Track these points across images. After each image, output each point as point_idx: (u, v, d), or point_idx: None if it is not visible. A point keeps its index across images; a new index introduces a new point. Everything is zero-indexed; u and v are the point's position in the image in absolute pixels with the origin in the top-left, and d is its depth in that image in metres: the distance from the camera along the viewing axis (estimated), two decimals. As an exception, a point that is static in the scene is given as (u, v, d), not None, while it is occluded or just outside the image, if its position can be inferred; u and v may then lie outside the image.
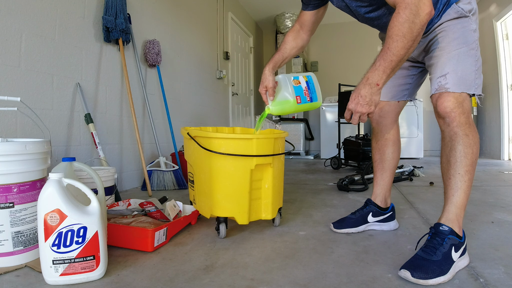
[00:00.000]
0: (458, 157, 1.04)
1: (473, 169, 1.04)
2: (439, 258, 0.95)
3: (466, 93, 1.06)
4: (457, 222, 1.02)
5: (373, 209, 1.37)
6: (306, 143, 5.64)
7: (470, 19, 1.10)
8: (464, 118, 1.05)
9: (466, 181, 1.04)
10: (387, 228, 1.38)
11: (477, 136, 1.06)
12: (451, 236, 0.99)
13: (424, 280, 0.90)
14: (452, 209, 1.03)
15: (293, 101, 1.22)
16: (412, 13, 0.93)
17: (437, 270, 0.92)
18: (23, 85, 1.65)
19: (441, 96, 1.08)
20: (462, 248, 1.01)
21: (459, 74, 1.06)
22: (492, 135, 4.70)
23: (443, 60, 1.10)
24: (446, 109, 1.06)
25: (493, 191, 2.19)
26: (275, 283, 0.92)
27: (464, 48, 1.08)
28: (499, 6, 4.36)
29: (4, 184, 0.99)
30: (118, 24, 2.15)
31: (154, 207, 1.39)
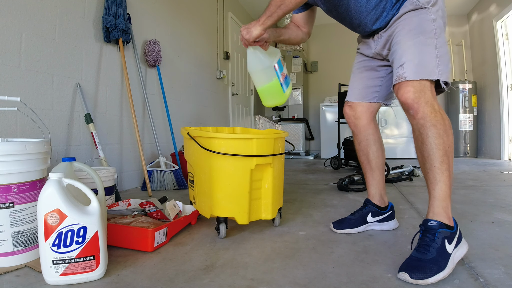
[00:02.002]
0: (430, 150, 1.02)
1: (448, 157, 1.03)
2: (434, 255, 0.94)
3: (427, 80, 1.04)
4: (444, 214, 1.01)
5: (372, 209, 1.37)
6: (306, 143, 5.64)
7: (429, 10, 1.10)
8: (428, 108, 1.02)
9: (444, 172, 1.02)
10: (387, 227, 1.38)
11: (446, 123, 1.03)
12: (441, 230, 0.98)
13: (423, 280, 0.90)
14: (437, 203, 1.03)
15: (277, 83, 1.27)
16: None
17: (435, 268, 0.92)
18: (23, 85, 1.65)
19: (401, 86, 1.07)
20: (456, 238, 1.00)
21: (416, 62, 1.06)
22: (492, 135, 4.70)
23: (400, 51, 1.10)
24: (407, 100, 1.04)
25: (493, 191, 2.19)
26: (275, 283, 0.92)
27: (420, 37, 1.08)
28: (499, 6, 4.36)
29: (4, 184, 0.99)
30: (118, 24, 2.15)
31: (154, 207, 1.39)
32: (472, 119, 4.95)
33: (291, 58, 5.55)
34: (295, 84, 5.58)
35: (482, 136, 4.96)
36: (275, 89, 1.28)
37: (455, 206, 1.78)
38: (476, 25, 5.15)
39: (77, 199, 0.94)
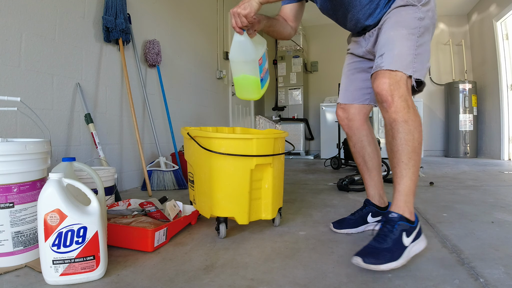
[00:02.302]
0: (399, 145, 1.03)
1: (417, 154, 1.05)
2: (390, 245, 0.97)
3: (402, 73, 1.04)
4: (406, 208, 1.03)
5: (372, 209, 1.37)
6: (306, 143, 5.64)
7: (418, 8, 1.10)
8: (402, 102, 1.02)
9: (410, 168, 1.03)
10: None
11: (417, 119, 1.04)
12: (401, 222, 1.01)
13: (375, 265, 0.93)
14: (400, 197, 1.04)
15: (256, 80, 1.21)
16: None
17: (388, 256, 0.94)
18: (23, 85, 1.65)
19: (377, 75, 1.07)
20: (414, 233, 1.02)
21: (395, 52, 1.06)
22: (492, 135, 4.70)
23: (382, 42, 1.12)
24: (382, 91, 1.04)
25: (493, 191, 2.19)
26: (275, 283, 0.92)
27: (403, 31, 1.08)
28: (499, 6, 4.36)
29: (4, 184, 0.99)
30: (118, 24, 2.15)
31: (154, 207, 1.39)
32: (472, 119, 4.95)
33: (291, 58, 5.55)
34: (295, 84, 5.58)
35: (482, 136, 4.96)
36: (253, 85, 1.23)
37: (455, 206, 1.78)
38: (476, 25, 5.15)
39: (77, 199, 0.94)
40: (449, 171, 3.33)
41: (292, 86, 5.60)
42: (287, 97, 5.63)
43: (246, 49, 1.16)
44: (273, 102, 6.06)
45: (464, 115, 4.96)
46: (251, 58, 1.17)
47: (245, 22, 1.10)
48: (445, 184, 2.53)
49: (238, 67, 1.22)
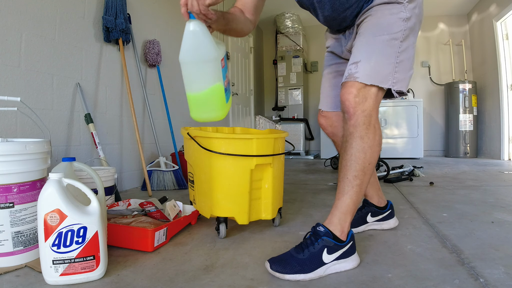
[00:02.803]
0: (349, 160, 0.99)
1: (364, 174, 0.99)
2: (305, 256, 0.95)
3: (376, 87, 0.97)
4: (339, 225, 0.99)
5: (372, 209, 1.36)
6: (306, 143, 5.64)
7: (403, 6, 1.00)
8: (363, 118, 0.97)
9: (354, 187, 0.99)
10: (387, 226, 1.38)
11: (376, 139, 0.98)
12: (325, 238, 0.97)
13: (280, 273, 0.93)
14: (336, 213, 1.01)
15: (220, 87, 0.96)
16: None
17: (297, 268, 0.93)
18: (23, 85, 1.65)
19: (346, 85, 0.99)
20: (340, 251, 0.98)
21: (372, 63, 0.97)
22: (492, 135, 4.70)
23: (359, 46, 1.01)
24: (345, 101, 0.98)
25: (493, 191, 2.19)
26: (275, 283, 0.92)
27: (385, 36, 0.98)
28: (499, 6, 4.36)
29: (4, 184, 0.99)
30: (118, 24, 2.15)
31: (154, 207, 1.39)
32: (472, 119, 4.94)
33: (291, 58, 5.55)
34: (295, 84, 5.58)
35: (482, 136, 4.96)
36: (217, 95, 0.96)
37: (455, 206, 1.78)
38: (476, 25, 5.15)
39: (77, 199, 0.94)
40: (449, 171, 3.33)
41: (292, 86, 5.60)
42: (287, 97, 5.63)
43: (204, 44, 0.89)
44: (273, 102, 6.06)
45: (464, 115, 4.96)
46: (213, 55, 0.91)
47: (205, 10, 0.88)
48: (445, 184, 2.53)
49: (192, 71, 0.94)
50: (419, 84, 5.56)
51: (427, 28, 5.56)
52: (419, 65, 5.59)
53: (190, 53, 0.91)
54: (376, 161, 1.02)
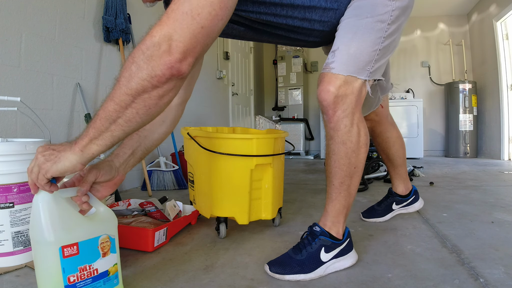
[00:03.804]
0: (332, 167, 0.94)
1: (351, 178, 0.94)
2: (303, 257, 0.95)
3: (355, 78, 0.86)
4: (333, 227, 0.99)
5: (396, 199, 1.44)
6: (306, 143, 5.63)
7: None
8: (344, 119, 0.87)
9: (341, 192, 0.95)
10: (413, 209, 1.47)
11: (360, 140, 0.90)
12: (322, 237, 0.97)
13: (280, 275, 0.93)
14: (328, 217, 0.99)
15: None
16: (146, 58, 0.60)
17: (297, 268, 0.93)
18: (23, 85, 1.65)
19: (322, 79, 0.88)
20: (337, 250, 0.97)
21: (351, 50, 0.86)
22: (492, 135, 4.70)
23: (340, 32, 0.90)
24: (323, 101, 0.88)
25: (493, 191, 2.19)
26: (275, 283, 0.92)
27: (368, 19, 0.86)
28: (499, 6, 4.36)
29: (4, 184, 0.99)
30: (118, 24, 2.15)
31: (154, 207, 1.39)
32: (472, 119, 4.94)
33: (291, 58, 5.55)
34: (295, 84, 5.58)
35: (482, 136, 4.96)
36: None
37: (455, 206, 1.78)
38: (476, 25, 5.15)
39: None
40: (449, 171, 3.33)
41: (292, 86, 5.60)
42: (287, 97, 5.63)
43: (40, 222, 0.67)
44: (273, 102, 6.06)
45: (464, 115, 4.96)
46: (44, 238, 0.66)
47: (40, 186, 0.66)
48: (445, 184, 2.53)
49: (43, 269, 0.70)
50: (419, 84, 5.56)
51: (427, 28, 5.56)
52: (419, 65, 5.59)
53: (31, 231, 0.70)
54: (364, 161, 0.95)
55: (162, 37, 0.60)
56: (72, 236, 0.71)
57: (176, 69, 0.61)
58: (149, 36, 0.62)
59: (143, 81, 0.60)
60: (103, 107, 0.63)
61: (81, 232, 0.72)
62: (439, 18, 5.55)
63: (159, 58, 0.60)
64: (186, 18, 0.60)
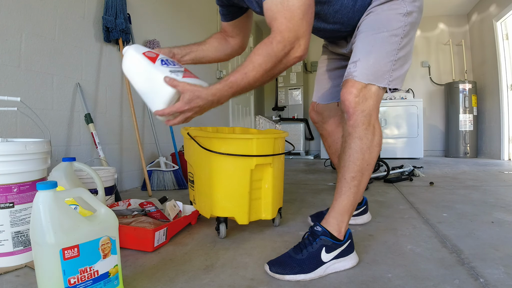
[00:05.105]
0: (347, 161, 0.98)
1: (362, 174, 0.99)
2: (304, 257, 0.95)
3: (375, 86, 0.97)
4: (336, 226, 1.00)
5: None
6: (306, 143, 5.64)
7: (403, 2, 0.98)
8: (363, 118, 0.96)
9: (351, 188, 0.99)
10: (361, 221, 1.45)
11: (375, 139, 0.98)
12: (323, 237, 0.97)
13: (280, 275, 0.93)
14: (333, 215, 1.01)
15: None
16: (285, 51, 0.84)
17: (297, 268, 0.94)
18: (23, 85, 1.65)
19: (346, 85, 0.98)
20: (338, 250, 0.98)
21: (370, 61, 0.96)
22: (492, 135, 4.70)
23: (359, 45, 1.00)
24: (345, 101, 0.97)
25: (493, 191, 2.19)
26: (275, 283, 0.92)
27: (384, 33, 0.96)
28: (499, 6, 4.36)
29: (4, 184, 0.99)
30: (118, 24, 2.15)
31: (154, 207, 1.39)
32: (472, 119, 4.94)
33: (291, 58, 5.54)
34: (295, 84, 5.58)
35: (482, 136, 4.96)
36: None
37: (455, 206, 1.78)
38: (476, 25, 5.15)
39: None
40: (449, 171, 3.33)
41: (292, 86, 5.60)
42: (287, 97, 5.63)
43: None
44: (273, 102, 6.06)
45: (464, 115, 4.96)
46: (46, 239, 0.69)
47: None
48: (445, 184, 2.53)
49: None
50: (419, 84, 5.56)
51: (427, 28, 5.56)
52: (419, 65, 5.59)
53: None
54: (375, 161, 1.01)
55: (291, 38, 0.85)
56: (72, 238, 0.71)
57: (300, 59, 0.89)
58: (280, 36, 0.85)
59: (280, 68, 0.88)
60: (238, 85, 0.89)
61: (82, 234, 0.73)
62: (439, 18, 5.55)
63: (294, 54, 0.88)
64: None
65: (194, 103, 0.89)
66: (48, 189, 0.70)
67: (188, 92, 0.88)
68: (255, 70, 0.86)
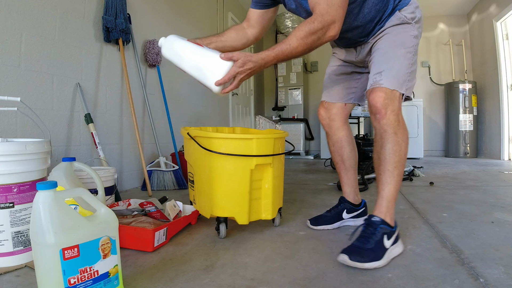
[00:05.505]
0: (387, 154, 1.11)
1: (402, 164, 1.13)
2: (373, 245, 1.03)
3: (398, 91, 1.13)
4: (388, 213, 1.11)
5: (347, 206, 1.43)
6: (306, 143, 5.64)
7: (413, 26, 1.17)
8: (394, 116, 1.10)
9: (395, 176, 1.12)
10: (361, 223, 1.42)
11: (405, 133, 1.13)
12: (382, 226, 1.07)
13: (361, 263, 0.98)
14: (383, 203, 1.12)
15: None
16: (323, 30, 1.03)
17: (372, 255, 1.00)
18: (23, 85, 1.65)
19: (374, 91, 1.13)
20: (394, 236, 1.09)
21: (393, 72, 1.12)
22: (492, 135, 4.70)
23: (381, 59, 1.16)
24: (377, 103, 1.11)
25: (493, 191, 2.19)
26: (275, 283, 0.92)
27: (402, 49, 1.14)
28: (499, 6, 4.36)
29: (4, 184, 0.99)
30: (118, 24, 2.15)
31: (154, 207, 1.39)
32: (472, 119, 4.95)
33: (291, 58, 5.55)
34: (295, 84, 5.58)
35: (482, 136, 4.96)
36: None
37: (455, 206, 1.78)
38: (476, 25, 5.15)
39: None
40: (449, 171, 3.33)
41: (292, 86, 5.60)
42: (287, 97, 5.63)
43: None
44: (273, 102, 6.06)
45: (464, 115, 4.96)
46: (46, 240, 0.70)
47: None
48: (445, 184, 2.53)
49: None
50: (419, 84, 5.55)
51: (427, 28, 5.56)
52: (419, 65, 5.58)
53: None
54: (407, 153, 1.14)
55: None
56: (72, 238, 0.71)
57: (333, 38, 1.06)
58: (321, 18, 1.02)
59: (317, 43, 1.05)
60: (283, 53, 1.05)
61: (82, 234, 0.73)
62: (439, 18, 5.55)
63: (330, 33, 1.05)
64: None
65: (247, 66, 1.05)
66: (48, 189, 0.70)
67: (242, 57, 1.04)
68: (297, 42, 1.03)
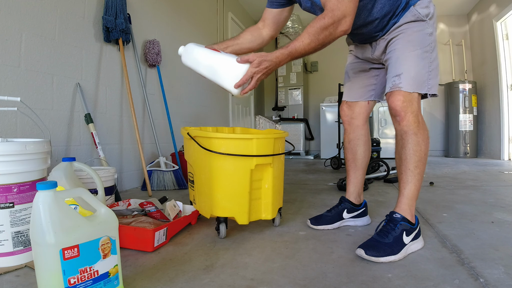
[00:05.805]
0: (408, 154, 1.14)
1: (423, 163, 1.16)
2: (391, 240, 1.08)
3: (417, 93, 1.15)
4: (409, 211, 1.15)
5: (348, 206, 1.43)
6: (306, 143, 5.64)
7: (427, 23, 1.17)
8: (413, 117, 1.13)
9: (416, 175, 1.15)
10: (361, 223, 1.45)
11: (425, 133, 1.15)
12: (402, 223, 1.12)
13: (376, 257, 1.03)
14: (404, 200, 1.15)
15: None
16: (334, 26, 1.04)
17: (388, 250, 1.05)
18: (23, 85, 1.65)
19: (393, 94, 1.16)
20: (414, 233, 1.13)
21: (412, 74, 1.14)
22: (492, 135, 4.70)
23: (399, 61, 1.17)
24: (396, 107, 1.14)
25: (493, 191, 2.19)
26: (275, 283, 0.92)
27: (418, 50, 1.15)
28: (499, 6, 4.36)
29: (4, 184, 0.99)
30: (118, 24, 2.15)
31: (154, 207, 1.39)
32: (472, 119, 4.94)
33: (291, 58, 5.54)
34: (295, 84, 5.58)
35: (482, 136, 4.96)
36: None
37: (455, 206, 1.78)
38: (476, 25, 5.15)
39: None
40: (449, 171, 3.33)
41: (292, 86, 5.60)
42: (287, 97, 5.63)
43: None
44: (273, 102, 6.06)
45: (464, 115, 4.96)
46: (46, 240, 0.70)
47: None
48: (445, 184, 2.53)
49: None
50: (419, 84, 5.54)
51: (427, 28, 5.55)
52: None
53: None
54: (428, 152, 1.16)
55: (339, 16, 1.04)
56: (72, 238, 0.71)
57: (345, 33, 1.07)
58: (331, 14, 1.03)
59: (329, 38, 1.06)
60: (296, 50, 1.07)
61: (82, 234, 0.73)
62: (439, 18, 5.55)
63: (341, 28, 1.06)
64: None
65: (263, 65, 1.07)
66: (48, 189, 0.70)
67: (257, 57, 1.07)
68: (310, 38, 1.05)
